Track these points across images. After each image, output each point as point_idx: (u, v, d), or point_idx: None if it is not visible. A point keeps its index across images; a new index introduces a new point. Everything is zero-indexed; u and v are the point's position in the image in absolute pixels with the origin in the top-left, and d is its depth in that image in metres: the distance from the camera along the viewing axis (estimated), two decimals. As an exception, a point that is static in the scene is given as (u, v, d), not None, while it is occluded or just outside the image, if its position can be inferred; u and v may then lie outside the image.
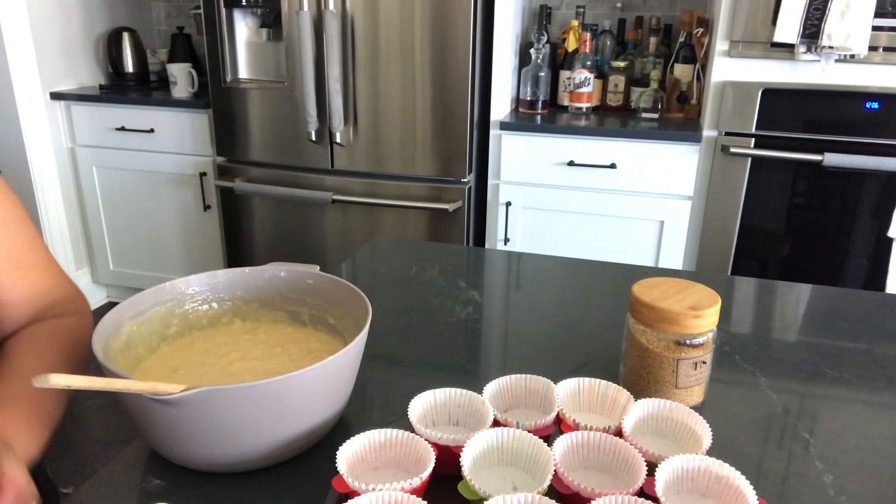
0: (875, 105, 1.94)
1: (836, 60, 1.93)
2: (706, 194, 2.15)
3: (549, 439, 0.62)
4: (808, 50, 1.92)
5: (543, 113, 2.38)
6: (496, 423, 0.62)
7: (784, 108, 2.02)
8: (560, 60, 2.46)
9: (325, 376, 0.61)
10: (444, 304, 0.99)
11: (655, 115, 2.29)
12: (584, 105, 2.38)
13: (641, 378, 0.73)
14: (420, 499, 0.51)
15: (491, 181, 2.31)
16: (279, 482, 0.62)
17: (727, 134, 2.08)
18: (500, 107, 2.31)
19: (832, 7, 1.84)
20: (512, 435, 0.59)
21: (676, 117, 2.33)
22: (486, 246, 2.40)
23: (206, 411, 0.57)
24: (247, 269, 0.79)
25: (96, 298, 3.02)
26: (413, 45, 2.16)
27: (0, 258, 0.72)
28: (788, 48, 1.95)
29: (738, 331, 0.94)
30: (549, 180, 2.24)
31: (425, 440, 0.58)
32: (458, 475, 0.56)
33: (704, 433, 0.60)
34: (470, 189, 2.31)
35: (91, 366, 0.82)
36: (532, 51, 2.35)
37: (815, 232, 2.10)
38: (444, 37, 2.13)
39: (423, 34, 2.14)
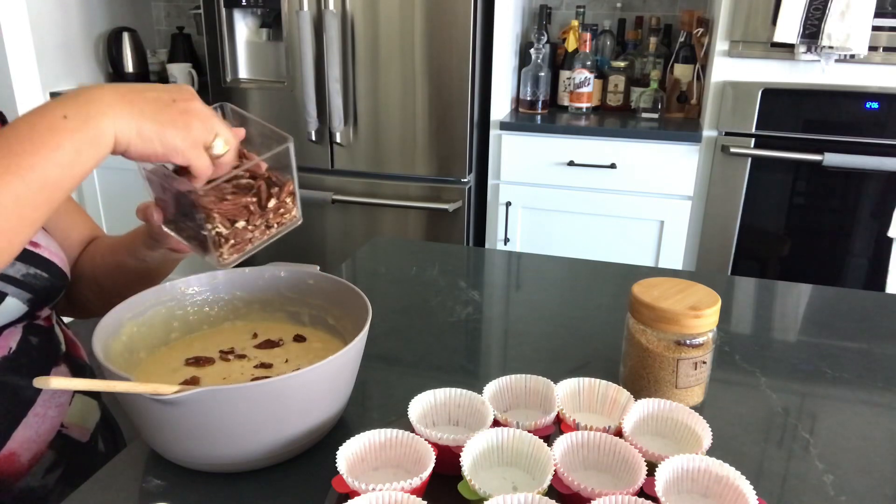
0: (875, 105, 1.94)
1: (836, 60, 1.93)
2: (706, 194, 2.15)
3: (549, 439, 0.62)
4: (808, 50, 1.92)
5: (543, 113, 2.38)
6: (496, 423, 0.62)
7: (784, 108, 2.01)
8: (560, 60, 2.46)
9: (325, 376, 0.61)
10: (444, 304, 0.99)
11: (655, 115, 2.29)
12: (584, 105, 2.38)
13: (641, 378, 0.73)
14: (420, 499, 0.51)
15: (491, 181, 2.31)
16: (279, 482, 0.62)
17: (727, 134, 2.08)
18: (500, 107, 2.31)
19: (832, 7, 1.84)
20: (512, 435, 0.59)
21: (676, 117, 2.33)
22: (486, 246, 2.40)
23: (206, 412, 0.57)
24: (247, 269, 0.79)
25: (96, 298, 3.02)
26: (413, 45, 2.16)
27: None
28: (788, 48, 1.95)
29: (738, 331, 0.94)
30: (549, 180, 2.24)
31: (425, 440, 0.58)
32: (458, 475, 0.56)
33: (704, 433, 0.60)
34: (470, 189, 2.31)
35: (92, 366, 0.82)
36: (532, 51, 2.35)
37: (815, 232, 2.10)
38: (444, 37, 2.13)
39: (423, 34, 2.14)
